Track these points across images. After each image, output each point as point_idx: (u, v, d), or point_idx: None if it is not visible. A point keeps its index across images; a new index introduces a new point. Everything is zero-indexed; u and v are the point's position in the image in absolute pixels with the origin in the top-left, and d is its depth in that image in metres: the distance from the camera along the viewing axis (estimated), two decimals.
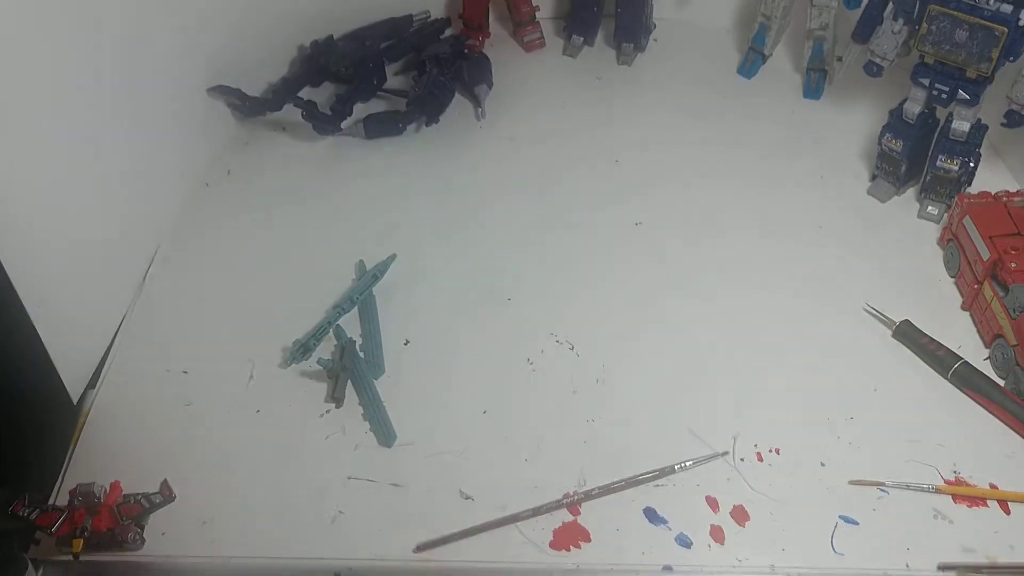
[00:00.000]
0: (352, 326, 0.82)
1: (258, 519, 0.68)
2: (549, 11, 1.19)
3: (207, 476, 0.70)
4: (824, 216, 0.91)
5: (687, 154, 0.99)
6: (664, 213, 0.92)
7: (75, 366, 0.77)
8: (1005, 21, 0.78)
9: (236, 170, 0.99)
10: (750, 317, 0.81)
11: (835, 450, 0.71)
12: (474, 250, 0.89)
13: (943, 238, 0.87)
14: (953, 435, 0.72)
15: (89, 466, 0.71)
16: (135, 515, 0.65)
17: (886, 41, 0.87)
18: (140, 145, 0.87)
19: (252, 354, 0.79)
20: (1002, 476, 0.69)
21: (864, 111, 1.02)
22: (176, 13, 0.90)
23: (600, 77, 1.11)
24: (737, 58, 1.11)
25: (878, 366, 0.77)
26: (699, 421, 0.73)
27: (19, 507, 0.65)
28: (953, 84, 0.83)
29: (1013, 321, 0.74)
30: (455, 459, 0.71)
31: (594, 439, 0.72)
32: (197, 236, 0.92)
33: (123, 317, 0.83)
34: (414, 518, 0.67)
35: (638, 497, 0.68)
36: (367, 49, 1.06)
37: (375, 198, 0.95)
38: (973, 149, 0.87)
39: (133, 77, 0.85)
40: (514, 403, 0.75)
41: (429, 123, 1.03)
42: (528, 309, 0.83)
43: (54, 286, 0.73)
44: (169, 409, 0.75)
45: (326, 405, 0.75)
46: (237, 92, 1.00)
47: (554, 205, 0.94)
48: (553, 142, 1.01)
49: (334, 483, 0.70)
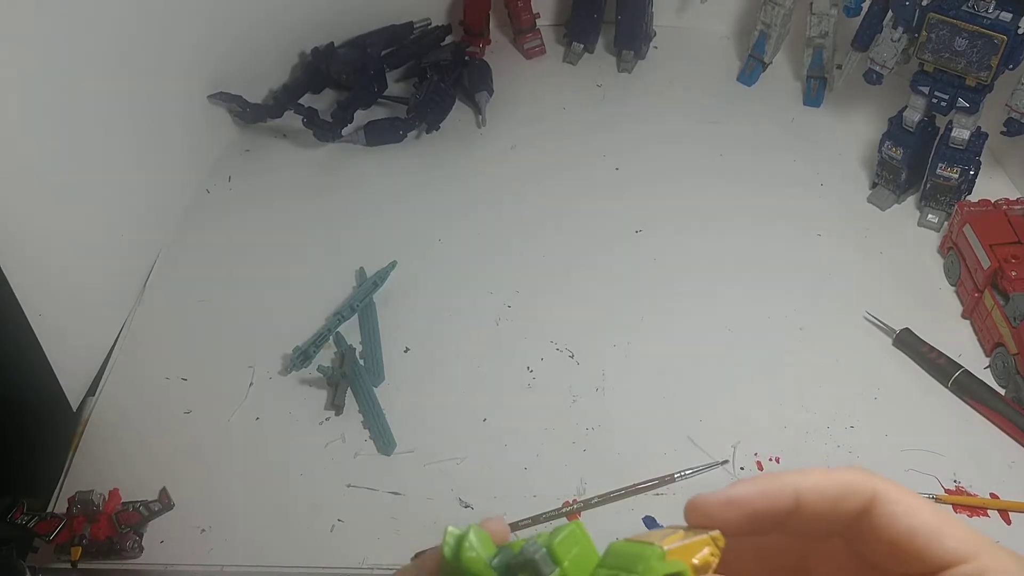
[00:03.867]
0: (352, 333, 0.82)
1: (257, 527, 0.68)
2: (550, 18, 1.19)
3: (206, 484, 0.70)
4: (824, 224, 0.91)
5: (687, 161, 0.99)
6: (664, 220, 0.92)
7: (75, 373, 0.77)
8: (1005, 29, 0.78)
9: (237, 177, 0.99)
10: (750, 326, 0.81)
11: (835, 459, 0.70)
12: (474, 257, 0.89)
13: (943, 246, 0.87)
14: (953, 444, 0.71)
15: (88, 473, 0.71)
16: (134, 523, 0.65)
17: (886, 49, 0.87)
18: (141, 152, 0.87)
19: (252, 361, 0.79)
20: (1003, 486, 0.68)
21: (864, 119, 1.03)
22: (177, 20, 0.90)
23: (600, 84, 1.11)
24: (737, 65, 1.11)
25: (878, 375, 0.77)
26: (699, 430, 0.73)
27: (17, 514, 0.65)
28: (953, 92, 0.83)
29: (1014, 330, 0.74)
30: (454, 467, 0.71)
31: (593, 447, 0.72)
32: (197, 243, 0.92)
33: (123, 324, 0.83)
34: (413, 526, 0.67)
35: (638, 506, 0.68)
36: (368, 56, 1.06)
37: (376, 205, 0.95)
38: (973, 157, 0.86)
39: (134, 84, 0.85)
40: (514, 411, 0.75)
41: (430, 130, 1.03)
42: (528, 316, 0.83)
43: (54, 293, 0.73)
44: (168, 417, 0.75)
45: (326, 412, 0.75)
46: (238, 99, 1.00)
47: (554, 212, 0.93)
48: (553, 149, 1.01)
49: (333, 491, 0.70)
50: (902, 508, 0.27)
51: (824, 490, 0.28)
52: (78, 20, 0.76)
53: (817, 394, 0.75)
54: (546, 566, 0.25)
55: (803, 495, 0.28)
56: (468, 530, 0.26)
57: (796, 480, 0.28)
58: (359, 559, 0.65)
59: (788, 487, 0.28)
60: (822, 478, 0.28)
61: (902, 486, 0.28)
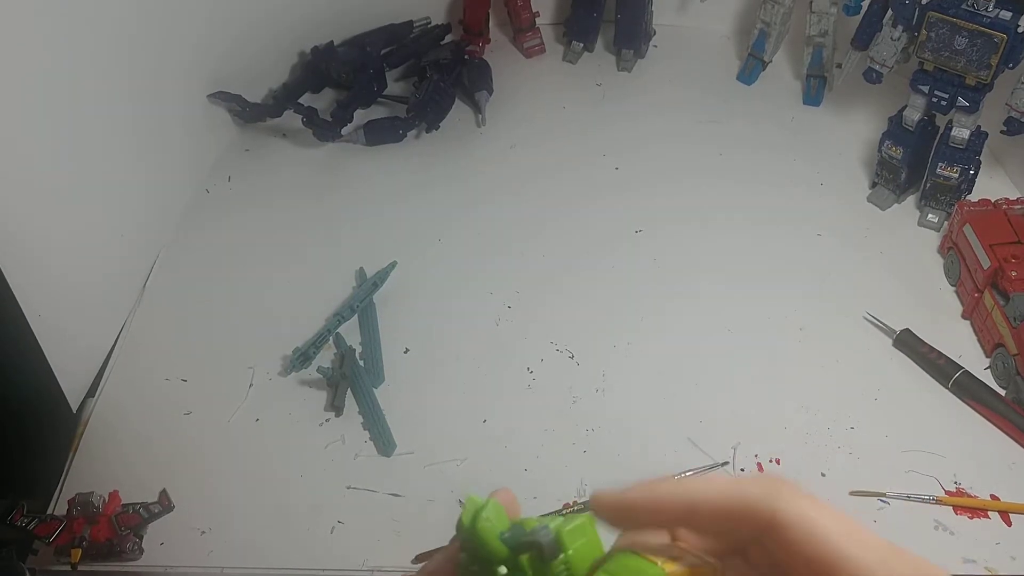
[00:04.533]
0: (352, 334, 0.82)
1: (257, 529, 0.68)
2: (549, 17, 1.19)
3: (206, 486, 0.70)
4: (824, 224, 0.91)
5: (687, 161, 0.99)
6: (664, 220, 0.92)
7: (75, 374, 0.77)
8: (1004, 28, 0.77)
9: (237, 176, 0.99)
10: (750, 326, 0.81)
11: (836, 460, 0.71)
12: (474, 257, 0.89)
13: (943, 246, 0.87)
14: (954, 445, 0.71)
15: (88, 475, 0.71)
16: (133, 525, 0.65)
17: (885, 48, 0.87)
18: (140, 152, 0.87)
19: (252, 362, 0.79)
20: (1003, 487, 0.68)
21: (864, 118, 1.02)
22: (177, 20, 0.90)
23: (600, 83, 1.10)
24: (737, 64, 1.11)
25: (879, 375, 0.77)
26: (699, 430, 0.73)
27: (17, 516, 0.65)
28: (952, 91, 0.83)
29: (1014, 330, 0.74)
30: (455, 468, 0.71)
31: (594, 448, 0.72)
32: (197, 243, 0.92)
33: (123, 325, 0.83)
34: (413, 528, 0.67)
35: None
36: (367, 55, 1.06)
37: (375, 205, 0.95)
38: (973, 156, 0.86)
39: (134, 84, 0.85)
40: (514, 412, 0.75)
41: (429, 129, 1.03)
42: (528, 317, 0.83)
43: (54, 293, 0.73)
44: (168, 418, 0.75)
45: (326, 414, 0.75)
46: (238, 98, 1.00)
47: (554, 212, 0.93)
48: (553, 148, 1.01)
49: (333, 492, 0.70)
50: (800, 534, 0.26)
51: (720, 506, 0.27)
52: (78, 20, 0.76)
53: (817, 395, 0.75)
54: (551, 550, 0.27)
55: (698, 508, 0.28)
56: (488, 502, 0.28)
57: (693, 491, 0.28)
58: (359, 561, 0.65)
59: (682, 497, 0.28)
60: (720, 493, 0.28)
61: (815, 503, 0.27)
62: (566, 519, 0.28)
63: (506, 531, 0.28)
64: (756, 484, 0.27)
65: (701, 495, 0.28)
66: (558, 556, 0.27)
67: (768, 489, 0.27)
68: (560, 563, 0.27)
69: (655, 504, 0.28)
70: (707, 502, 0.28)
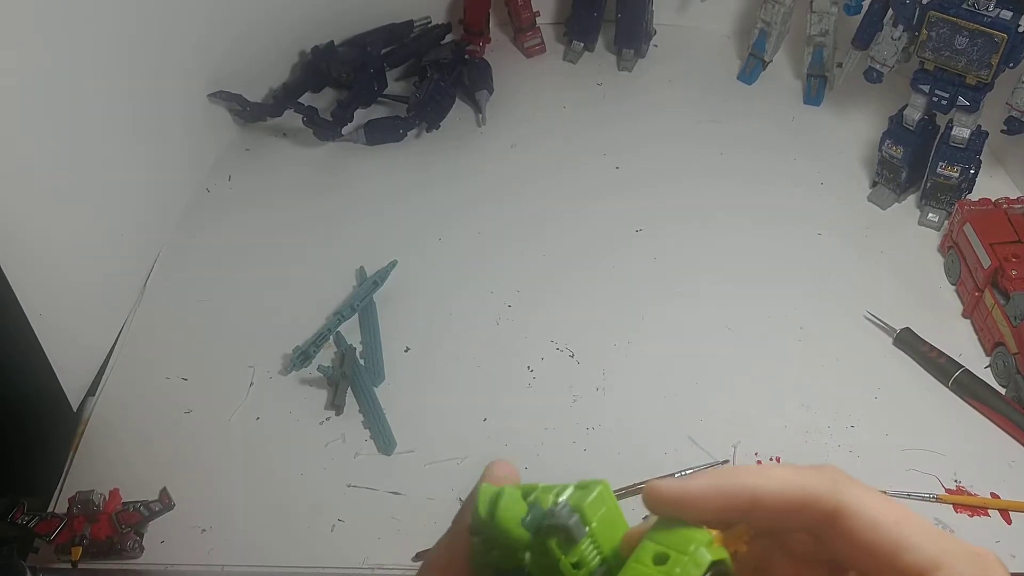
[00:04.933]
0: (352, 333, 0.82)
1: (257, 527, 0.68)
2: (550, 17, 1.19)
3: (206, 484, 0.70)
4: (824, 223, 0.91)
5: (687, 160, 0.99)
6: (664, 219, 0.92)
7: (75, 373, 0.77)
8: (1005, 27, 0.77)
9: (237, 176, 0.99)
10: (750, 325, 0.81)
11: (836, 458, 0.70)
12: (474, 257, 0.89)
13: (944, 245, 0.87)
14: (954, 444, 0.71)
15: (88, 473, 0.71)
16: (134, 523, 0.65)
17: (886, 47, 0.87)
18: (141, 151, 0.87)
19: (252, 361, 0.79)
20: (1003, 485, 0.68)
21: (864, 117, 1.02)
22: (177, 20, 0.90)
23: (600, 83, 1.10)
24: (737, 64, 1.11)
25: (879, 374, 0.77)
26: (699, 429, 0.73)
27: (18, 514, 0.65)
28: (953, 90, 0.83)
29: (1014, 329, 0.74)
30: (455, 467, 0.71)
31: (594, 447, 0.72)
32: (198, 242, 0.92)
33: (123, 324, 0.83)
34: (414, 526, 0.67)
35: (638, 506, 0.67)
36: (368, 55, 1.06)
37: (376, 204, 0.95)
38: (973, 156, 0.86)
39: (134, 84, 0.85)
40: (514, 411, 0.75)
41: (430, 129, 1.03)
42: (528, 316, 0.83)
43: (54, 293, 0.73)
44: (169, 416, 0.75)
45: (326, 412, 0.75)
46: (238, 98, 1.00)
47: (554, 211, 0.93)
48: (553, 147, 1.01)
49: (333, 491, 0.70)
50: (864, 523, 0.26)
51: (784, 497, 0.27)
52: (78, 20, 0.76)
53: (817, 393, 0.75)
54: (578, 530, 0.26)
55: (761, 500, 0.27)
56: (503, 490, 0.27)
57: (755, 482, 0.27)
58: (360, 559, 0.65)
59: (746, 489, 0.27)
60: (783, 484, 0.27)
61: (870, 491, 0.27)
62: (581, 490, 0.27)
63: (526, 515, 0.27)
64: (817, 475, 0.27)
65: (764, 487, 0.27)
66: (584, 533, 0.26)
67: (830, 480, 0.27)
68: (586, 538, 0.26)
69: (720, 498, 0.27)
70: (771, 494, 0.27)
